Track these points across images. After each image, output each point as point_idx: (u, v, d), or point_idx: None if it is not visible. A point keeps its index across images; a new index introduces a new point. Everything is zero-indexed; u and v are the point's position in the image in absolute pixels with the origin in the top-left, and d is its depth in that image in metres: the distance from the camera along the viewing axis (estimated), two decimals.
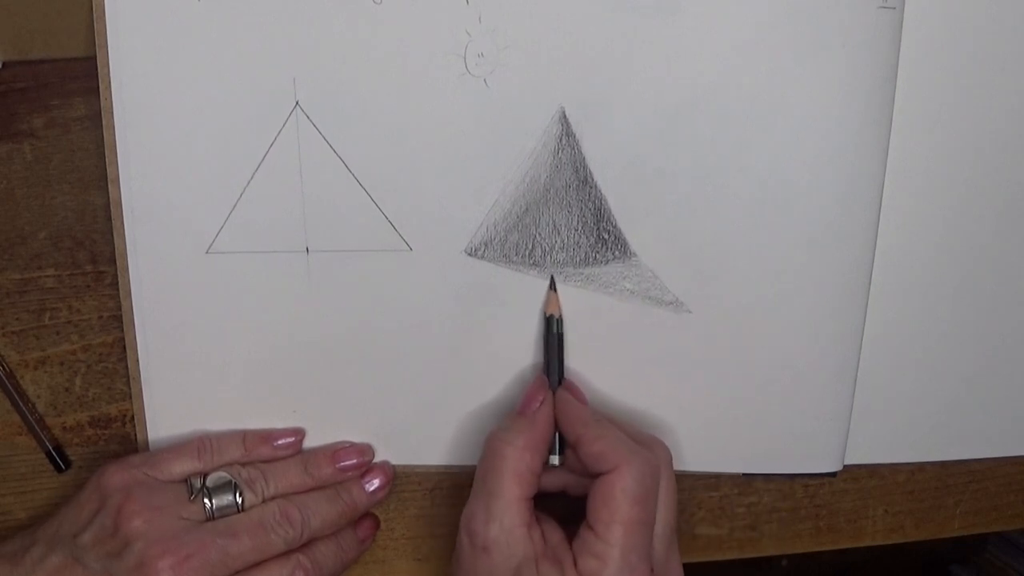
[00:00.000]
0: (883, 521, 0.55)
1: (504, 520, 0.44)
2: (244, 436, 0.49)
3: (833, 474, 0.52)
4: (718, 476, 0.53)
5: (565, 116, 0.47)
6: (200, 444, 0.49)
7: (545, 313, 0.49)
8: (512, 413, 0.47)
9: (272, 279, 0.49)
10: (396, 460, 0.52)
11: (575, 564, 0.42)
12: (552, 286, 0.49)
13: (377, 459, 0.52)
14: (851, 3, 0.45)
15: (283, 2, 0.45)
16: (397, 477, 0.52)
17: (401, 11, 0.45)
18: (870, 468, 0.54)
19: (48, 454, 0.51)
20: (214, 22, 0.45)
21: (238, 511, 0.46)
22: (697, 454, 0.51)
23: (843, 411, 0.51)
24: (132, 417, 0.51)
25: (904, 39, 0.46)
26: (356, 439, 0.51)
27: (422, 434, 0.51)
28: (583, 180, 0.47)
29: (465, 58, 0.46)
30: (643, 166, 0.47)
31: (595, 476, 0.44)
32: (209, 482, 0.47)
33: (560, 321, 0.48)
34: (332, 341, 0.50)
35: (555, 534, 0.45)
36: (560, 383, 0.48)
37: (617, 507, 0.42)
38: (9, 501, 0.51)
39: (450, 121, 0.46)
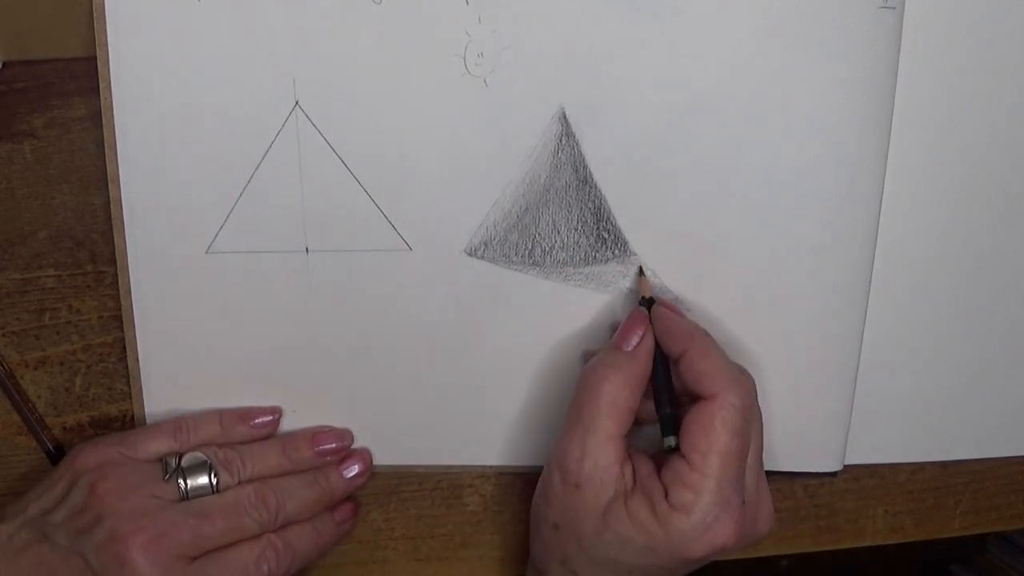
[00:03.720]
0: (883, 521, 0.55)
1: (599, 458, 0.43)
2: (221, 415, 0.49)
3: (833, 474, 0.52)
4: None
5: (565, 116, 0.47)
6: (176, 424, 0.48)
7: (643, 296, 0.47)
8: (609, 346, 0.46)
9: (272, 279, 0.49)
10: (396, 460, 0.52)
11: (666, 496, 0.42)
12: (641, 272, 0.48)
13: (377, 460, 0.52)
14: (851, 3, 0.45)
15: (283, 2, 0.45)
16: (397, 477, 0.52)
17: (401, 11, 0.45)
18: (870, 468, 0.54)
19: (48, 453, 0.51)
20: (214, 22, 0.45)
21: (213, 492, 0.46)
22: None
23: (843, 411, 0.51)
24: (132, 417, 0.51)
25: (904, 39, 0.46)
26: (356, 438, 0.51)
27: (422, 434, 0.51)
28: (583, 180, 0.47)
29: (465, 58, 0.46)
30: (643, 166, 0.47)
31: (692, 397, 0.43)
32: (184, 462, 0.46)
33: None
34: (332, 341, 0.50)
35: (644, 466, 0.44)
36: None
37: (716, 438, 0.41)
38: (9, 501, 0.51)
39: (450, 121, 0.46)
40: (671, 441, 0.43)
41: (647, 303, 0.47)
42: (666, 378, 0.45)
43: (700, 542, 0.41)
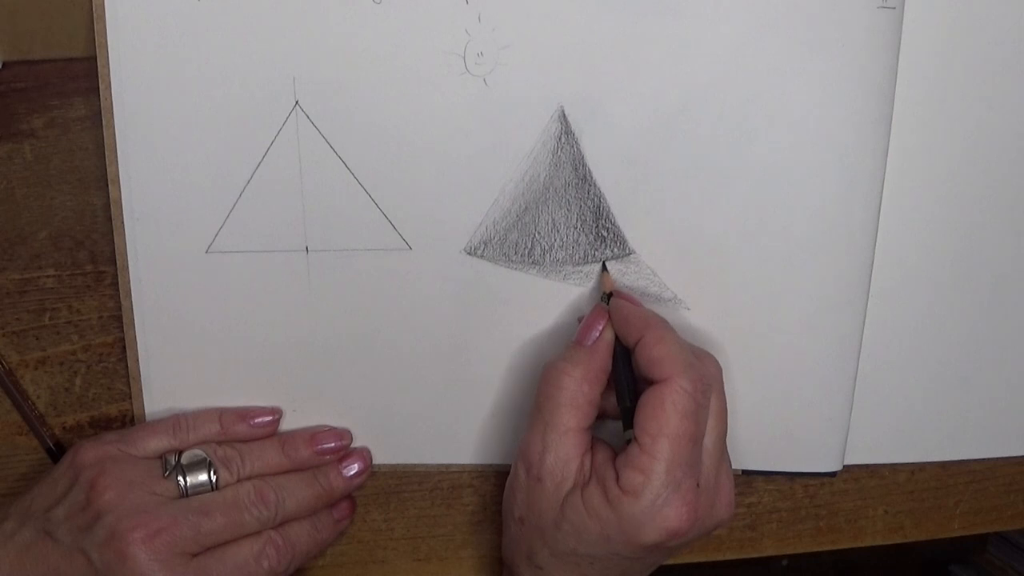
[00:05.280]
0: (883, 521, 0.55)
1: (559, 451, 0.43)
2: (220, 413, 0.49)
3: (833, 474, 0.52)
4: None
5: (564, 115, 0.47)
6: (175, 421, 0.48)
7: (604, 291, 0.48)
8: (570, 342, 0.46)
9: (272, 278, 0.49)
10: (396, 459, 0.52)
11: (617, 480, 0.42)
12: (604, 268, 0.48)
13: (377, 459, 0.52)
14: (851, 3, 0.45)
15: (283, 2, 0.45)
16: (397, 477, 0.52)
17: (401, 11, 0.45)
18: (870, 468, 0.54)
19: (49, 452, 0.51)
20: (214, 22, 0.45)
21: (212, 489, 0.46)
22: None
23: (843, 411, 0.51)
24: (132, 417, 0.51)
25: (904, 39, 0.46)
26: (356, 437, 0.51)
27: (422, 434, 0.52)
28: (582, 178, 0.47)
29: (465, 57, 0.46)
30: (642, 164, 0.47)
31: (648, 383, 0.43)
32: (184, 459, 0.46)
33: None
34: (332, 340, 0.50)
35: (601, 454, 0.44)
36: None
37: (666, 420, 0.41)
38: (9, 501, 0.51)
39: (450, 120, 0.47)
40: (630, 434, 0.43)
41: (608, 298, 0.47)
42: (627, 371, 0.45)
43: (651, 526, 0.41)
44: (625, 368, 0.45)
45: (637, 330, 0.44)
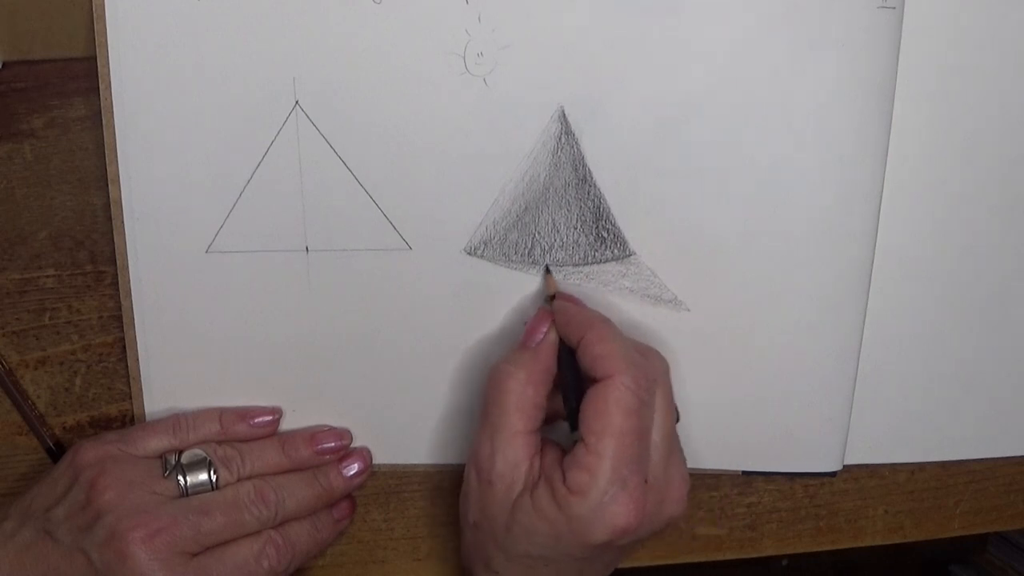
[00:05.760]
0: (883, 521, 0.55)
1: (508, 455, 0.43)
2: (220, 413, 0.49)
3: (833, 474, 0.52)
4: (718, 476, 0.53)
5: (564, 115, 0.47)
6: (175, 421, 0.48)
7: (548, 294, 0.48)
8: (515, 345, 0.46)
9: (272, 278, 0.49)
10: (396, 460, 0.52)
11: (564, 480, 0.41)
12: (547, 270, 0.48)
13: (377, 459, 0.52)
14: (851, 3, 0.45)
15: (283, 2, 0.45)
16: (397, 477, 0.52)
17: (401, 11, 0.45)
18: (870, 468, 0.54)
19: (49, 451, 0.51)
20: (214, 22, 0.45)
21: (212, 489, 0.46)
22: (696, 452, 0.51)
23: (843, 411, 0.51)
24: (132, 417, 0.51)
25: (904, 39, 0.46)
26: (356, 437, 0.51)
27: (422, 434, 0.52)
28: (582, 179, 0.47)
29: (465, 57, 0.46)
30: (642, 165, 0.47)
31: (594, 383, 0.42)
32: (184, 459, 0.46)
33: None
34: (331, 340, 0.50)
35: (549, 455, 0.44)
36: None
37: (610, 418, 0.41)
38: (9, 502, 0.51)
39: (450, 120, 0.47)
40: (577, 435, 0.43)
41: (552, 300, 0.47)
42: (572, 372, 0.45)
43: (599, 524, 0.41)
44: (570, 369, 0.45)
45: (579, 330, 0.44)
